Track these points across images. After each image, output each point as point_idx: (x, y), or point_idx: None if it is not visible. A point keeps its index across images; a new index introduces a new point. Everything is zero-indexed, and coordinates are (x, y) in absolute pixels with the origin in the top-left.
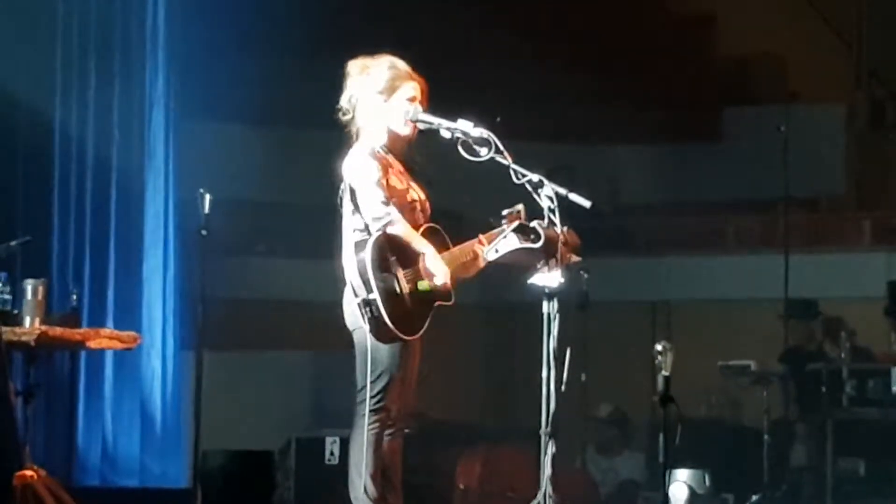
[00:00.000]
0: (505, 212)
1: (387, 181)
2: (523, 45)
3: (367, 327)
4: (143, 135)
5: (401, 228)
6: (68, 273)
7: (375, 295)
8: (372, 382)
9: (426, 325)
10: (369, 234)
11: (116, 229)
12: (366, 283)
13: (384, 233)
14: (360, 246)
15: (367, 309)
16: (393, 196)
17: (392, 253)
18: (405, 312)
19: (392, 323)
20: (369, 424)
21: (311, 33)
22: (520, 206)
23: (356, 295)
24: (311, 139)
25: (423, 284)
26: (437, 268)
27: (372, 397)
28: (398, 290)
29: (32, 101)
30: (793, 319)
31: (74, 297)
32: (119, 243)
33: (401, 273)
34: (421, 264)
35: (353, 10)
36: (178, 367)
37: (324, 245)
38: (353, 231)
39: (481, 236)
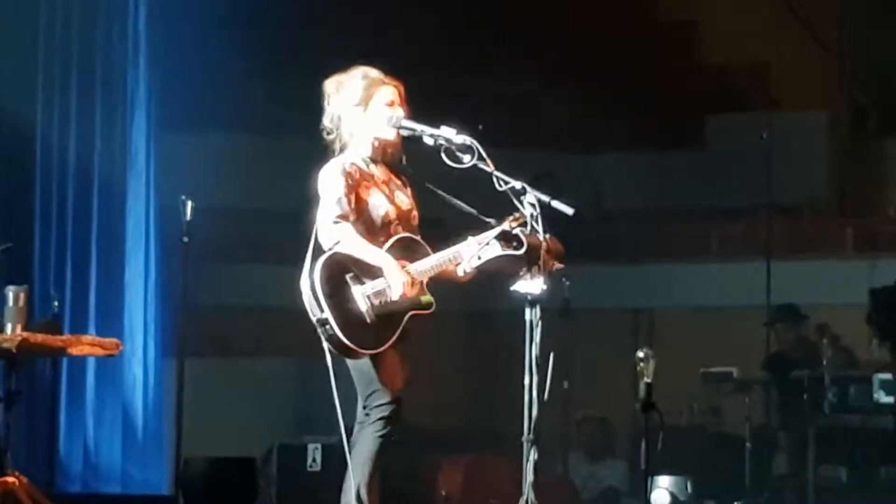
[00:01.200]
0: (509, 218)
1: (357, 195)
2: (506, 53)
3: (326, 346)
4: (124, 142)
5: (351, 247)
6: (50, 280)
7: (327, 314)
8: (375, 392)
9: (395, 336)
10: (322, 252)
11: (98, 236)
12: (317, 302)
13: (334, 251)
14: (312, 266)
15: (323, 328)
16: (363, 210)
17: (354, 269)
18: (364, 327)
19: (348, 339)
20: (377, 431)
21: (293, 42)
22: (522, 212)
23: (312, 315)
24: (293, 147)
25: (383, 296)
26: (394, 281)
27: (379, 405)
28: (355, 306)
29: (13, 107)
30: (779, 324)
31: (56, 303)
32: (101, 250)
33: (359, 289)
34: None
35: (334, 19)
36: (160, 374)
37: (305, 253)
38: (312, 249)
39: (470, 238)
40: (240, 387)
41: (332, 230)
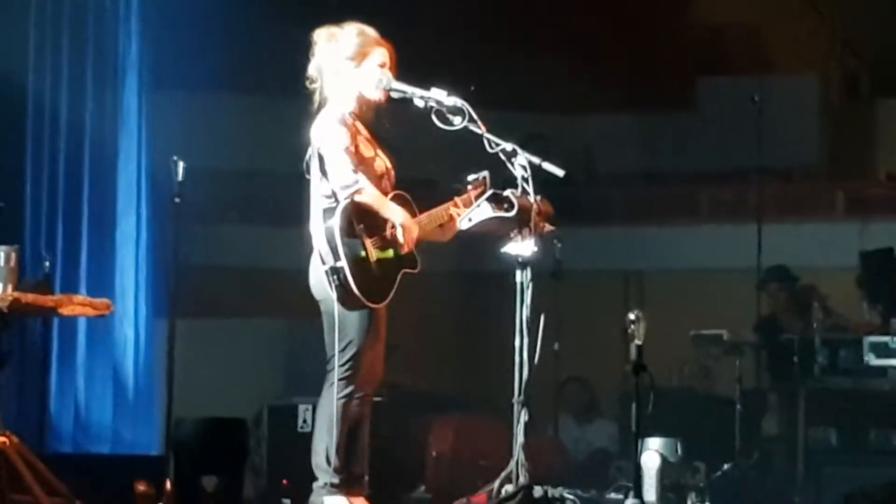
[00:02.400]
0: (470, 177)
1: (355, 148)
2: (496, 15)
3: (334, 295)
4: (115, 102)
5: (369, 196)
6: (41, 240)
7: (343, 262)
8: (341, 351)
9: (392, 292)
10: (337, 201)
11: (89, 196)
12: (333, 250)
13: (352, 200)
14: (328, 213)
15: (335, 277)
16: (361, 164)
17: (360, 221)
18: (372, 280)
19: (359, 290)
20: (338, 393)
21: (285, 1)
22: (485, 173)
23: (324, 262)
24: (285, 107)
25: (388, 252)
26: (406, 234)
27: (341, 366)
28: (365, 257)
29: (4, 67)
30: (771, 283)
31: (47, 263)
32: (92, 211)
33: (368, 241)
34: (388, 231)
35: None
36: (151, 335)
37: (297, 213)
38: (322, 198)
39: (456, 198)
40: (231, 347)
41: (352, 177)
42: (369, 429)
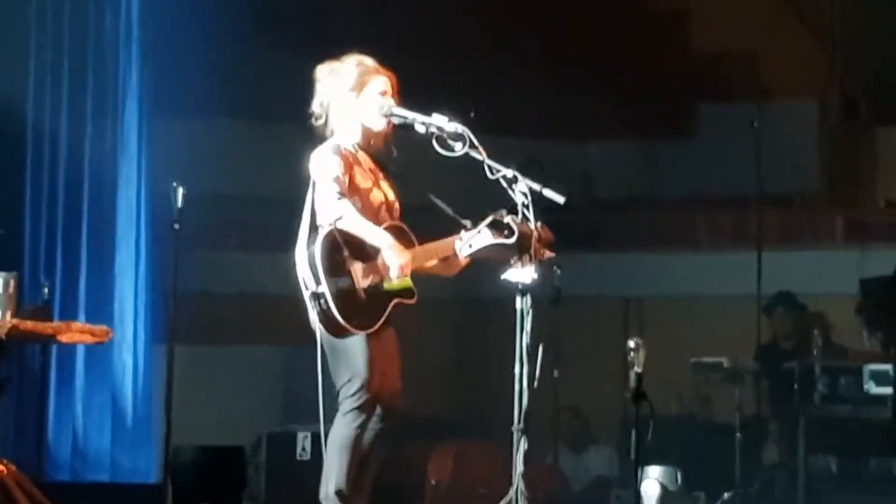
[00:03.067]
0: (492, 215)
1: (350, 178)
2: (497, 40)
3: (316, 320)
4: (115, 128)
5: (353, 224)
6: (40, 266)
7: (324, 288)
8: (348, 382)
9: (381, 320)
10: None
11: (89, 223)
12: (315, 275)
13: (335, 227)
14: (311, 239)
15: (317, 302)
16: (355, 194)
17: (346, 247)
18: (358, 306)
19: (342, 317)
20: (351, 422)
21: (284, 28)
22: (502, 212)
23: (306, 288)
24: (284, 133)
25: (376, 279)
26: (392, 261)
27: (352, 395)
28: (350, 283)
29: (5, 92)
30: (778, 308)
31: (46, 290)
32: (91, 237)
33: (356, 267)
34: (379, 259)
35: (326, 5)
36: (150, 362)
37: (296, 240)
38: (308, 226)
39: (463, 232)
40: (230, 375)
41: (334, 206)
42: (381, 458)
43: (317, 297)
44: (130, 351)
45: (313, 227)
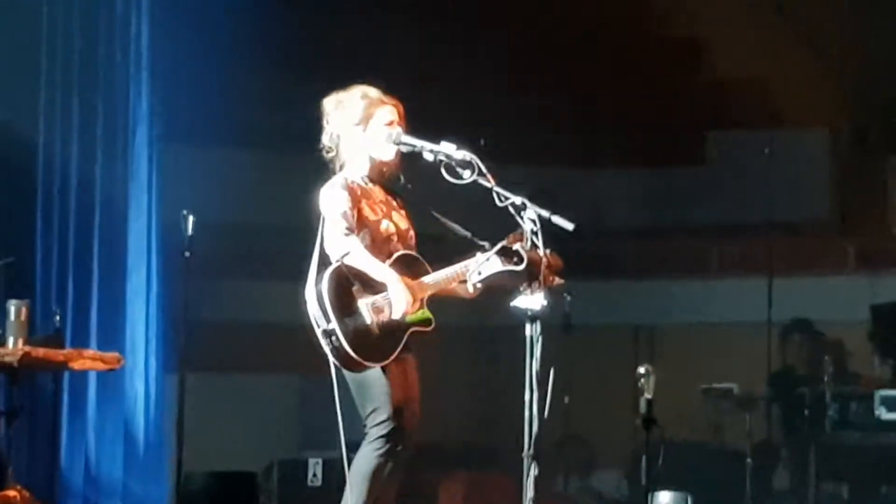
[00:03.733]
0: (510, 236)
1: (359, 211)
2: (507, 68)
3: (330, 358)
4: (126, 156)
5: (360, 259)
6: (51, 294)
7: (335, 325)
8: (374, 411)
9: (398, 350)
10: (331, 264)
11: (100, 251)
12: (324, 313)
13: (343, 263)
14: (319, 277)
15: (328, 339)
16: (364, 227)
17: (356, 281)
18: (371, 340)
19: (355, 353)
20: (377, 450)
21: (295, 57)
22: (522, 228)
23: (317, 325)
24: (295, 162)
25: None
26: (397, 297)
27: (378, 423)
28: (362, 319)
29: (16, 121)
30: (795, 335)
31: (58, 318)
32: (102, 265)
33: (366, 301)
34: (388, 294)
35: (337, 35)
36: (161, 389)
37: (307, 268)
38: (317, 262)
39: (478, 254)
40: (241, 401)
41: (341, 242)
42: (397, 485)
43: (328, 334)
44: (142, 378)
45: (321, 264)
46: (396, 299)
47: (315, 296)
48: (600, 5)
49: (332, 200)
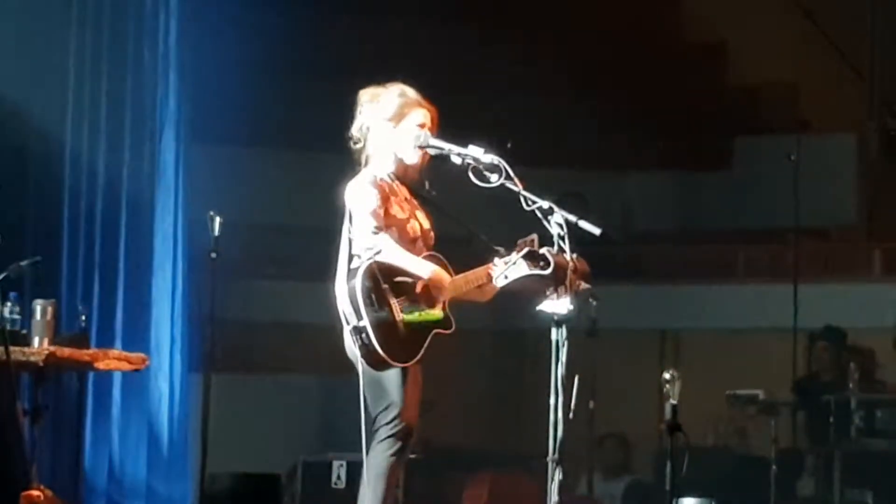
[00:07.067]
0: (519, 242)
1: (386, 209)
2: (535, 72)
3: (358, 354)
4: (153, 156)
5: (393, 256)
6: (77, 294)
7: (365, 322)
8: (385, 410)
9: (422, 352)
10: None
11: (126, 250)
12: (356, 310)
13: (375, 260)
14: (351, 273)
15: (358, 336)
16: (392, 225)
17: (385, 280)
18: (398, 340)
19: (383, 350)
20: (387, 449)
21: (323, 58)
22: (534, 236)
23: (347, 322)
24: (321, 162)
25: (414, 314)
26: (432, 287)
27: (388, 423)
28: (390, 317)
29: (44, 121)
30: (822, 342)
31: (83, 318)
32: (128, 264)
33: (394, 301)
34: (418, 290)
35: (365, 36)
36: (186, 389)
37: (333, 268)
38: (347, 258)
39: (496, 259)
40: (265, 402)
41: (373, 240)
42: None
43: (358, 331)
44: (167, 378)
45: (350, 260)
46: (433, 286)
47: (347, 292)
48: (630, 9)
49: (361, 197)
